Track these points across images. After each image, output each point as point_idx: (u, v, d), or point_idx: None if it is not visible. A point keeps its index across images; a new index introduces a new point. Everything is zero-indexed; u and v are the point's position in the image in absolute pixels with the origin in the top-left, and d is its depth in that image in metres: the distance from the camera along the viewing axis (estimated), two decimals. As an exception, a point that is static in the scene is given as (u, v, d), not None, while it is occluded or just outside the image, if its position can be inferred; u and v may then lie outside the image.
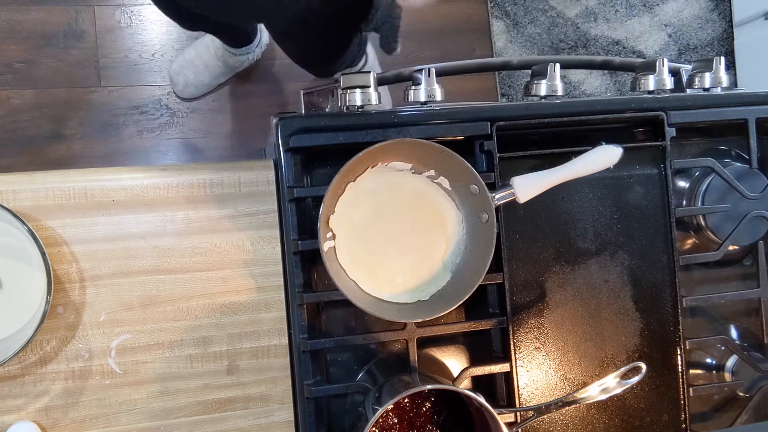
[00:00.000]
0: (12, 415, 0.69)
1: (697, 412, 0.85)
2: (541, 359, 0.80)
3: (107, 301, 0.71)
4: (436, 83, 0.77)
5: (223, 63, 1.30)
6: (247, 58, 1.33)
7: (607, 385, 0.71)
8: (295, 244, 0.72)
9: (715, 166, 0.81)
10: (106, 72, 1.32)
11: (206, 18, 1.09)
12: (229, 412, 0.74)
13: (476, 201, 0.71)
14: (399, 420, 0.71)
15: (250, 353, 0.74)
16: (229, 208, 0.74)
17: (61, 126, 1.30)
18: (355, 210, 0.72)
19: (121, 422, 0.71)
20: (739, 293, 0.85)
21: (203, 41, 1.30)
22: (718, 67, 0.86)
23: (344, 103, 0.76)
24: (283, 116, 0.73)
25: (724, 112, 0.83)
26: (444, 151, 0.68)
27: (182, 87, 1.33)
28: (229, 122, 1.37)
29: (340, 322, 0.77)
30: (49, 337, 0.70)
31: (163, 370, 0.72)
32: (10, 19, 1.28)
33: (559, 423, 0.81)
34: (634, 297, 0.82)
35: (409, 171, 0.73)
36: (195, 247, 0.73)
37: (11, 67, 1.28)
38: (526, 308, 0.80)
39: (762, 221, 0.83)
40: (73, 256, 0.70)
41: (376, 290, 0.72)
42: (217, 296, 0.73)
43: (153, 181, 0.72)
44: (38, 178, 0.70)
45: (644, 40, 1.79)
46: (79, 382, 0.70)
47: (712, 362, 0.85)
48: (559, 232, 0.81)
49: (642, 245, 0.82)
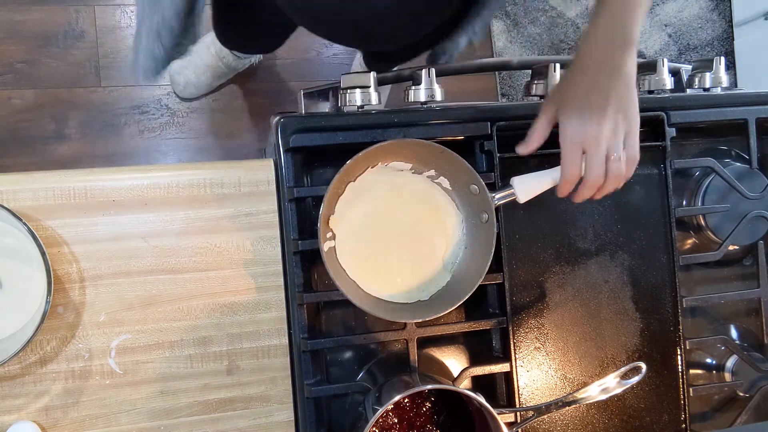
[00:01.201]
0: (12, 415, 0.69)
1: (697, 412, 0.85)
2: (541, 359, 0.80)
3: (107, 301, 0.71)
4: (436, 83, 0.77)
5: (225, 64, 1.30)
6: (249, 60, 1.32)
7: (607, 385, 0.71)
8: (295, 244, 0.72)
9: (715, 166, 0.81)
10: (106, 72, 1.32)
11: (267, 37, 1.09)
12: (229, 412, 0.73)
13: (476, 201, 0.71)
14: (399, 420, 0.71)
15: (250, 353, 0.74)
16: (229, 208, 0.74)
17: (62, 126, 1.30)
18: (355, 210, 0.72)
19: (121, 422, 0.71)
20: (739, 293, 0.85)
21: (203, 42, 1.30)
22: (718, 67, 0.86)
23: (344, 103, 0.76)
24: (283, 116, 0.73)
25: (724, 112, 0.83)
26: (444, 151, 0.68)
27: (183, 87, 1.33)
28: (229, 122, 1.37)
29: (340, 322, 0.77)
30: (49, 337, 0.70)
31: (163, 370, 0.72)
32: (11, 19, 1.28)
33: (559, 423, 0.81)
34: (634, 297, 0.82)
35: (409, 171, 0.73)
36: (195, 247, 0.73)
37: (12, 67, 1.28)
38: (526, 308, 0.80)
39: (762, 221, 0.83)
40: (73, 256, 0.70)
41: (377, 290, 0.72)
42: (217, 296, 0.73)
43: (153, 181, 0.72)
44: (38, 178, 0.70)
45: (644, 40, 1.79)
46: (79, 382, 0.70)
47: (712, 362, 0.85)
48: (559, 232, 0.81)
49: (642, 245, 0.82)
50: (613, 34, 0.63)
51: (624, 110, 0.65)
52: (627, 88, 0.64)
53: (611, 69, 0.63)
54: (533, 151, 0.69)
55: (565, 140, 0.65)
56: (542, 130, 0.68)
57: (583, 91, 0.65)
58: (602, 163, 0.65)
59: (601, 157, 0.65)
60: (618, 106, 0.64)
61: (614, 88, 0.64)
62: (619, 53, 0.63)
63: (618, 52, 0.63)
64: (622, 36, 0.63)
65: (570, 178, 0.67)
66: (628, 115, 0.65)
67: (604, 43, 0.64)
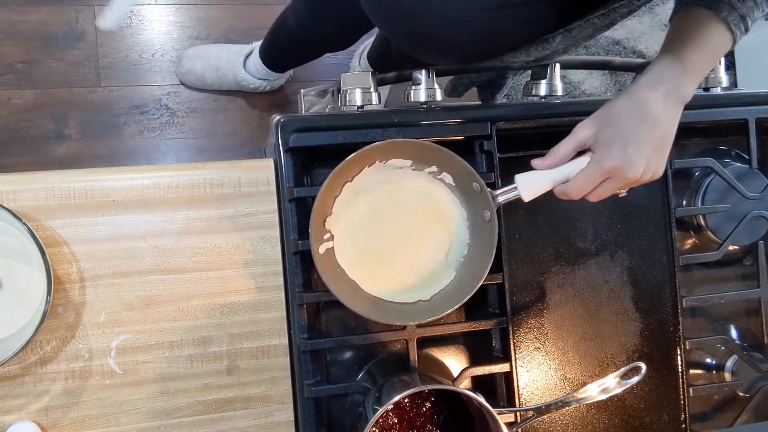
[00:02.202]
0: (12, 415, 0.69)
1: (697, 412, 0.85)
2: (541, 359, 0.80)
3: (107, 301, 0.71)
4: (436, 83, 0.77)
5: (233, 76, 1.29)
6: (263, 84, 1.31)
7: (607, 385, 0.71)
8: (295, 244, 0.72)
9: (715, 166, 0.81)
10: (106, 72, 1.32)
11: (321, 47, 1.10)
12: (229, 412, 0.73)
13: (479, 199, 0.70)
14: (399, 420, 0.71)
15: (250, 353, 0.74)
16: (229, 208, 0.74)
17: (62, 126, 1.30)
18: (353, 210, 0.72)
19: (121, 422, 0.71)
20: (739, 293, 0.85)
21: (230, 48, 1.29)
22: (718, 67, 0.86)
23: (344, 103, 0.76)
24: (283, 116, 0.73)
25: (724, 112, 0.83)
26: (441, 151, 0.68)
27: (185, 71, 1.32)
28: (229, 122, 1.37)
29: (340, 322, 0.77)
30: (49, 337, 0.70)
31: (163, 370, 0.72)
32: (10, 20, 1.28)
33: (559, 423, 0.81)
34: (634, 297, 0.82)
35: (410, 168, 0.72)
36: (195, 247, 0.73)
37: (12, 67, 1.28)
38: (526, 308, 0.80)
39: (762, 221, 0.83)
40: (73, 256, 0.70)
41: (377, 290, 0.72)
42: (217, 296, 0.73)
43: (153, 181, 0.72)
44: (38, 178, 0.70)
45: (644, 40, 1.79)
46: (79, 382, 0.70)
47: (712, 362, 0.85)
48: (559, 232, 0.81)
49: (642, 245, 0.82)
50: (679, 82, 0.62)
51: (659, 163, 0.64)
52: (670, 141, 0.64)
53: (670, 114, 0.63)
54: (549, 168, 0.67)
55: (597, 165, 0.63)
56: (569, 151, 0.66)
57: (634, 124, 0.62)
58: (609, 193, 0.65)
59: (616, 187, 0.64)
60: (660, 156, 0.63)
61: (668, 135, 0.63)
62: (679, 102, 0.63)
63: (679, 100, 0.63)
64: (685, 86, 0.63)
65: (576, 197, 0.65)
66: (658, 170, 0.64)
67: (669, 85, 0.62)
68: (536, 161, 0.67)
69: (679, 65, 0.63)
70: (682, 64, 0.63)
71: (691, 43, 0.63)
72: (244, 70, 1.28)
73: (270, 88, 1.34)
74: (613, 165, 0.62)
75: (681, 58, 0.63)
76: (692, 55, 0.63)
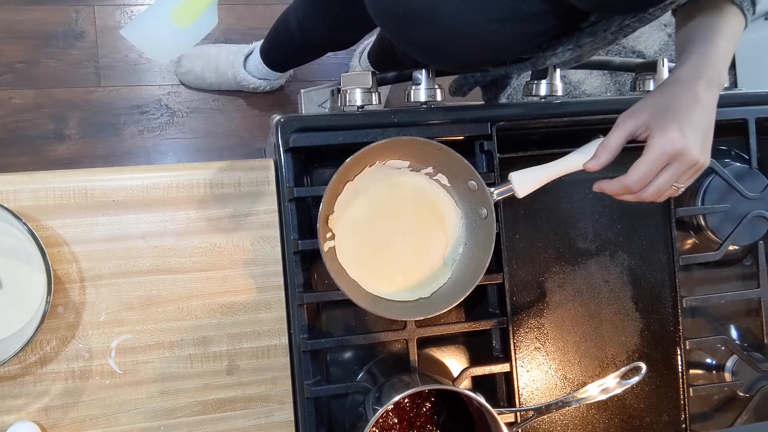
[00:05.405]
0: (12, 415, 0.69)
1: (697, 412, 0.85)
2: (541, 359, 0.80)
3: (107, 301, 0.71)
4: (436, 83, 0.77)
5: (233, 76, 1.30)
6: (263, 83, 1.31)
7: (607, 385, 0.71)
8: (295, 244, 0.72)
9: (715, 166, 0.81)
10: (106, 72, 1.32)
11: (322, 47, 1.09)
12: (229, 412, 0.73)
13: (475, 197, 0.71)
14: (399, 420, 0.71)
15: (250, 353, 0.74)
16: (229, 208, 0.74)
17: (61, 126, 1.30)
18: (354, 209, 0.72)
19: (121, 422, 0.71)
20: (739, 293, 0.85)
21: (229, 48, 1.29)
22: (718, 67, 0.86)
23: (344, 103, 0.76)
24: (283, 116, 0.73)
25: (724, 112, 0.82)
26: (441, 149, 0.68)
27: (185, 71, 1.32)
28: (229, 122, 1.37)
29: (340, 322, 0.77)
30: (49, 337, 0.70)
31: (163, 370, 0.72)
32: (10, 19, 1.28)
33: (559, 423, 0.81)
34: (634, 297, 0.82)
35: (407, 168, 0.73)
36: (195, 247, 0.73)
37: (12, 67, 1.28)
38: (526, 308, 0.80)
39: (762, 221, 0.83)
40: (73, 256, 0.70)
41: (377, 289, 0.72)
42: (217, 296, 0.73)
43: (153, 181, 0.72)
44: (38, 178, 0.70)
45: (644, 40, 1.79)
46: (79, 382, 0.70)
47: (712, 362, 0.85)
48: (559, 232, 0.81)
49: (642, 245, 0.82)
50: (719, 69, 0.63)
51: (708, 150, 0.63)
52: (713, 128, 0.63)
53: (713, 99, 0.63)
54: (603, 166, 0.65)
55: (658, 150, 0.62)
56: (620, 143, 0.64)
57: (688, 108, 0.62)
58: (670, 183, 0.63)
59: (677, 175, 0.62)
60: (708, 144, 0.63)
61: (712, 121, 0.63)
62: (718, 88, 0.63)
63: (719, 85, 0.63)
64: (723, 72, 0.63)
65: (637, 189, 0.63)
66: (707, 159, 0.63)
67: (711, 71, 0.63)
68: (589, 163, 0.66)
69: (714, 52, 0.63)
70: (716, 50, 0.63)
71: (719, 30, 0.64)
72: (244, 69, 1.29)
73: (270, 87, 1.34)
74: (675, 148, 0.61)
75: (714, 45, 0.64)
76: (722, 42, 0.64)
